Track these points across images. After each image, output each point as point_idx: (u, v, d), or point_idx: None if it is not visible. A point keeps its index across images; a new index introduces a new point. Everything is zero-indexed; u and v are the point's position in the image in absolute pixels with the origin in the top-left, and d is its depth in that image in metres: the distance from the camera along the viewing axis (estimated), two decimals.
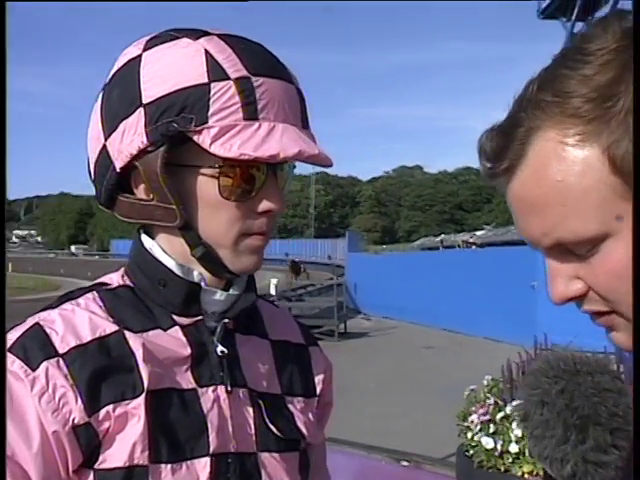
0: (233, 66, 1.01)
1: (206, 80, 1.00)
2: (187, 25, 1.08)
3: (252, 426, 1.10)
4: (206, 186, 1.03)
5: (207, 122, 0.99)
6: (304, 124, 1.07)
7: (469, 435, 4.48)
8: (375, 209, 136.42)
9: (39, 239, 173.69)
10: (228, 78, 1.00)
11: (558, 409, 0.84)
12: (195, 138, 1.00)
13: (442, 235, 52.94)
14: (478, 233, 45.36)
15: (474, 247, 35.46)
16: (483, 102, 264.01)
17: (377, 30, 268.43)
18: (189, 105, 1.00)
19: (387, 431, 8.12)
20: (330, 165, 1.07)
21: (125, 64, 1.06)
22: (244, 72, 1.01)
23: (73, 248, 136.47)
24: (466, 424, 4.57)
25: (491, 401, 4.64)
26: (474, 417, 4.54)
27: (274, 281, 23.06)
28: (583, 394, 0.84)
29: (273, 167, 1.05)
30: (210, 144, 0.99)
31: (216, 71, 1.01)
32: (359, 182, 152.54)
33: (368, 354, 15.37)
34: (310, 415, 1.20)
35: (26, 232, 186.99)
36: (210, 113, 0.99)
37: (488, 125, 0.78)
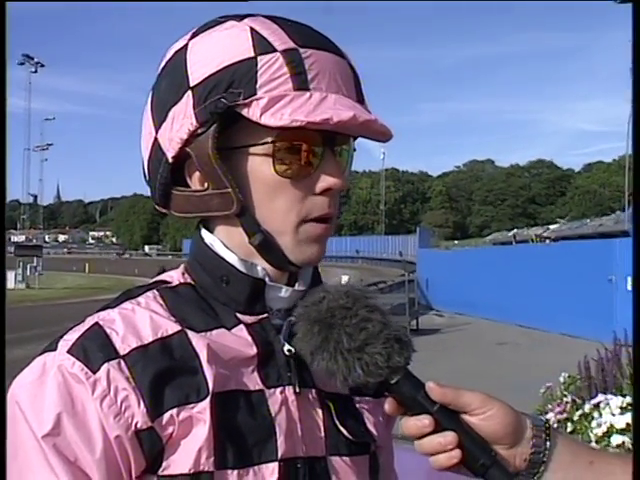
0: (279, 39, 0.99)
1: (252, 54, 0.98)
2: None
3: (322, 429, 1.05)
4: (261, 166, 1.00)
5: (256, 94, 0.97)
6: (359, 97, 1.04)
7: None
8: (446, 204, 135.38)
9: (114, 240, 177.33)
10: (275, 50, 0.98)
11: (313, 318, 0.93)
12: (244, 112, 0.97)
13: (515, 230, 52.33)
14: (552, 227, 44.74)
15: (548, 241, 34.91)
16: (555, 93, 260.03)
17: (445, 24, 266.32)
18: (237, 80, 0.98)
19: None
20: (390, 136, 1.03)
21: (172, 56, 1.05)
22: (291, 44, 0.99)
23: (147, 248, 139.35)
24: None
25: (568, 399, 4.53)
26: (550, 415, 4.43)
27: (345, 278, 23.06)
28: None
29: (330, 145, 1.02)
30: (260, 115, 0.96)
31: (262, 45, 0.99)
32: (429, 177, 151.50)
33: (440, 351, 15.24)
34: (380, 416, 1.15)
35: (102, 233, 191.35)
36: (259, 85, 0.97)
37: (561, 117, 0.73)
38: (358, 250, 71.69)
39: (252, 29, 1.00)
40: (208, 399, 0.96)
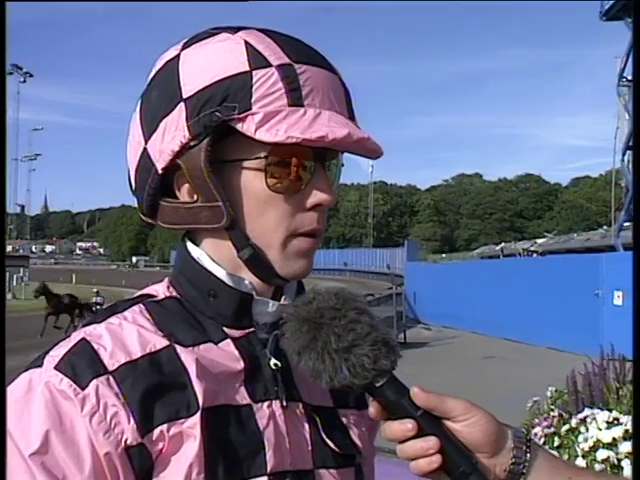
0: (274, 54, 1.00)
1: (247, 68, 0.98)
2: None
3: (308, 442, 1.05)
4: (253, 180, 1.00)
5: (251, 109, 0.97)
6: (350, 114, 1.04)
7: None
8: (434, 218, 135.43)
9: (102, 251, 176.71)
10: (270, 65, 0.98)
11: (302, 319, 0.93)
12: (239, 127, 0.97)
13: (502, 243, 52.48)
14: (539, 241, 44.92)
15: (535, 255, 35.04)
16: (543, 108, 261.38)
17: (436, 38, 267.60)
18: (231, 94, 0.97)
19: None
20: (380, 153, 1.04)
21: (163, 66, 1.05)
22: (286, 59, 0.99)
23: (134, 259, 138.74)
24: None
25: (555, 413, 4.53)
26: (537, 429, 4.43)
27: None
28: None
29: (321, 160, 1.02)
30: (255, 130, 0.96)
31: (257, 59, 0.99)
32: (418, 191, 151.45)
33: (428, 364, 15.23)
34: (363, 428, 1.16)
35: (89, 244, 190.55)
36: (254, 100, 0.97)
37: (549, 132, 0.72)
38: (346, 263, 71.61)
39: (247, 42, 1.00)
40: (198, 414, 0.95)
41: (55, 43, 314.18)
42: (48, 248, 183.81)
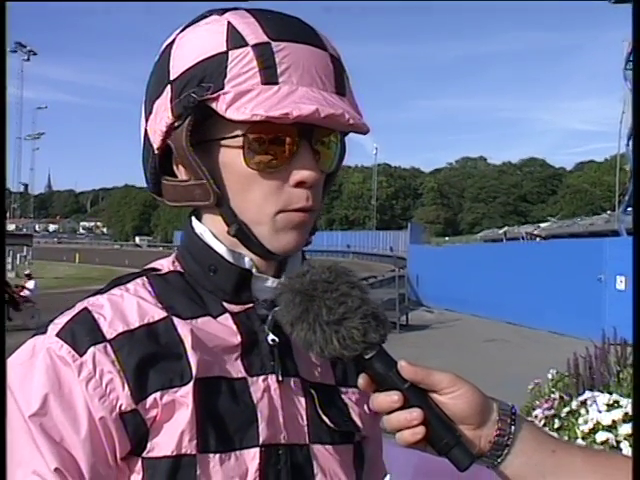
0: (252, 33, 1.01)
1: (225, 49, 1.00)
2: None
3: (304, 417, 1.07)
4: (234, 158, 1.02)
5: (224, 88, 0.99)
6: (339, 90, 1.04)
7: None
8: (437, 201, 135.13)
9: (105, 230, 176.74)
10: (246, 45, 1.00)
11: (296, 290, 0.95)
12: (214, 106, 0.99)
13: (505, 227, 52.38)
14: (543, 225, 44.87)
15: (538, 239, 35.03)
16: (547, 92, 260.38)
17: (440, 21, 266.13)
18: (208, 75, 1.00)
19: None
20: (361, 129, 1.03)
21: (162, 50, 1.08)
22: (264, 38, 1.01)
23: (137, 239, 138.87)
24: (530, 419, 4.47)
25: (556, 395, 4.55)
26: (538, 412, 4.46)
27: None
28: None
29: (307, 137, 1.02)
30: (226, 109, 0.98)
31: (235, 39, 1.01)
32: (421, 174, 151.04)
33: (430, 347, 15.29)
34: (366, 407, 1.16)
35: (92, 224, 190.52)
36: (227, 80, 0.99)
37: (553, 115, 0.72)
38: (349, 245, 71.72)
39: (229, 23, 1.02)
40: (191, 384, 0.98)
41: (59, 20, 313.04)
42: (51, 227, 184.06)
